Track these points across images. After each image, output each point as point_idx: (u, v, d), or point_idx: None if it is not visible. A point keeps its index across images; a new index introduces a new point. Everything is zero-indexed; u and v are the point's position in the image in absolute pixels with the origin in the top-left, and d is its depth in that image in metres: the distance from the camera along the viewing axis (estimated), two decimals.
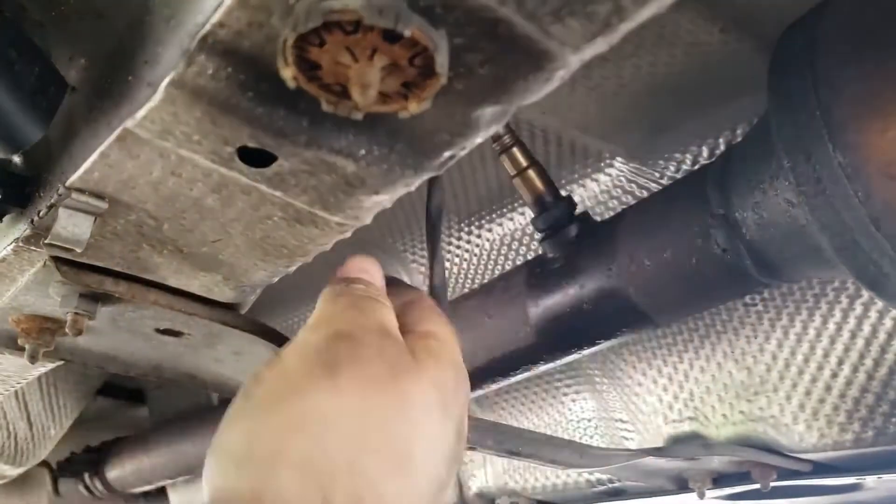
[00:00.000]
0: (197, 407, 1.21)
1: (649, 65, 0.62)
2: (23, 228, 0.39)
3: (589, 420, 0.93)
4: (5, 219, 0.40)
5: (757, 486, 0.82)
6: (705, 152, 0.71)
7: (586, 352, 0.66)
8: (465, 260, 0.91)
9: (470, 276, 0.91)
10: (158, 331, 0.52)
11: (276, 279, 0.45)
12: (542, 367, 0.68)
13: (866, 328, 0.68)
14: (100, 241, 0.40)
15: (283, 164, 0.33)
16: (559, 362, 0.68)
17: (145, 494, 1.40)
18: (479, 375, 0.70)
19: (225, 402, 0.32)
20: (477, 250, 0.90)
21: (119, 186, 0.35)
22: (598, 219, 0.66)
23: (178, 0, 0.29)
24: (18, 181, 0.39)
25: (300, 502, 0.29)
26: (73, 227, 0.36)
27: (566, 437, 0.93)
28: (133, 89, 0.31)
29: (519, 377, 0.70)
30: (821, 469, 0.80)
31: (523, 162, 0.65)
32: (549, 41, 0.27)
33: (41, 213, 0.37)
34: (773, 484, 0.82)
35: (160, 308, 0.47)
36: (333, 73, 0.26)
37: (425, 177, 0.35)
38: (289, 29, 0.24)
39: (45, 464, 1.31)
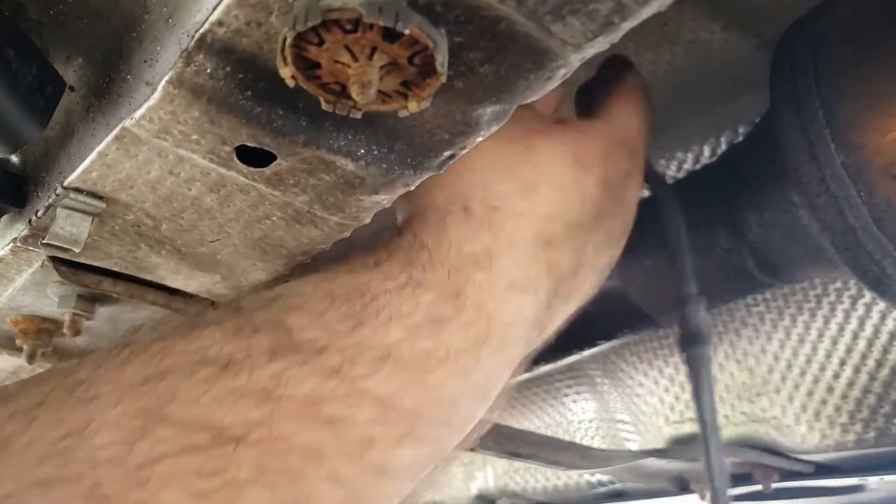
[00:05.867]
0: None
1: (650, 63, 0.62)
2: (20, 229, 0.39)
3: (590, 421, 0.93)
4: (3, 219, 0.40)
5: (759, 487, 0.82)
6: (707, 151, 0.71)
7: (587, 352, 0.66)
8: None
9: None
10: None
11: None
12: (543, 368, 0.68)
13: (868, 329, 0.68)
14: (98, 242, 0.39)
15: (282, 164, 0.33)
16: (559, 363, 0.68)
17: None
18: None
19: None
20: None
21: (117, 186, 0.35)
22: None
23: None
24: (16, 181, 0.38)
25: (447, 207, 0.38)
26: (70, 227, 0.36)
27: (567, 438, 0.93)
28: (131, 88, 0.31)
29: (519, 378, 0.70)
30: (823, 470, 0.79)
31: None
32: (550, 40, 0.27)
33: (39, 214, 0.37)
34: (774, 485, 0.81)
35: (158, 308, 0.46)
36: (332, 71, 0.26)
37: (425, 176, 0.35)
38: (287, 27, 0.24)
39: None
